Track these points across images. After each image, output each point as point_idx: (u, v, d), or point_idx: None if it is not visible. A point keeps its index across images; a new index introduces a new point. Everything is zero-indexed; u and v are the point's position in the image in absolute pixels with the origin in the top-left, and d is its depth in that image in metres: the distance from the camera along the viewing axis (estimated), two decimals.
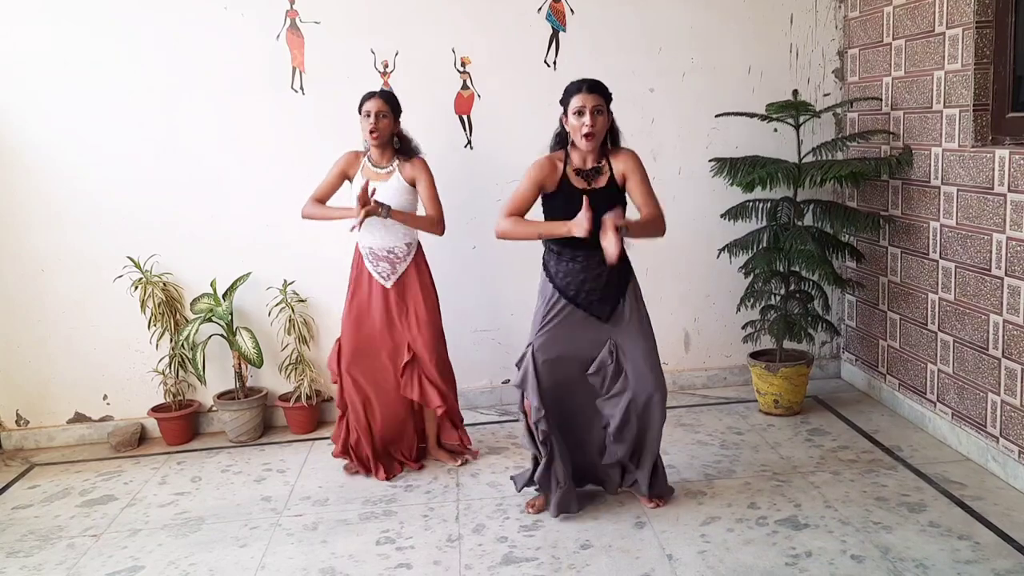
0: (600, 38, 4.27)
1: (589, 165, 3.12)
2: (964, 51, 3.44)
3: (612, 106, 3.09)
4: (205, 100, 4.18)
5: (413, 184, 3.62)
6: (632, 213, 3.10)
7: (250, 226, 4.28)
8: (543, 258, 3.23)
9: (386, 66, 4.23)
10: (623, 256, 3.10)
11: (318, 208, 3.66)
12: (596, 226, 2.89)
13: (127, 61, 4.13)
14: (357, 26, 4.19)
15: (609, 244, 2.84)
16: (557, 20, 4.27)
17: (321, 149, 3.98)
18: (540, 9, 4.25)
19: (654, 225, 3.10)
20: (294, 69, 4.21)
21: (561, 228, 3.00)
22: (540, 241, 3.19)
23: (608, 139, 3.15)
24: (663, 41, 4.33)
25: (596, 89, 3.05)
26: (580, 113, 3.02)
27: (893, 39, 3.96)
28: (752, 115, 4.10)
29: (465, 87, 4.29)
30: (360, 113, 3.59)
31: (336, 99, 4.19)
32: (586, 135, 3.02)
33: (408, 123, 3.87)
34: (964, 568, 2.76)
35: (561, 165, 3.12)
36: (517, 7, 4.23)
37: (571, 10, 4.27)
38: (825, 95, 4.45)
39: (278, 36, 4.18)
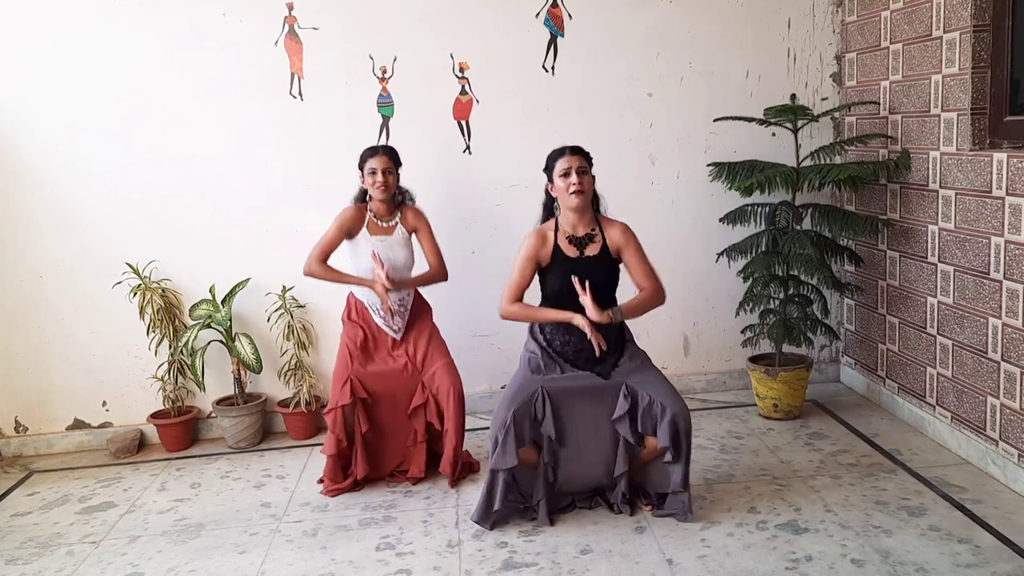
0: (598, 43, 4.27)
1: (581, 232, 3.18)
2: (961, 55, 3.44)
3: (610, 110, 3.11)
4: (204, 106, 4.19)
5: (411, 232, 3.71)
6: (625, 294, 3.18)
7: (249, 232, 4.28)
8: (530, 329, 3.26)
9: (384, 71, 4.23)
10: (621, 326, 3.20)
11: (328, 272, 3.66)
12: (594, 303, 3.04)
13: (126, 67, 4.13)
14: (355, 32, 4.20)
15: (592, 314, 3.00)
16: (555, 25, 4.28)
17: (320, 155, 3.99)
18: (538, 14, 4.26)
19: (652, 301, 3.18)
20: (293, 75, 4.21)
21: (564, 316, 3.09)
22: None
23: (596, 205, 3.25)
24: (661, 46, 4.33)
25: (579, 152, 3.16)
26: (567, 174, 3.10)
27: (891, 43, 3.97)
28: (750, 119, 4.11)
29: (463, 92, 4.29)
30: (362, 169, 3.63)
31: (335, 105, 4.20)
32: (575, 192, 3.09)
33: (407, 129, 3.89)
34: (964, 572, 2.76)
35: (552, 235, 3.19)
36: (515, 12, 4.24)
37: (569, 15, 4.27)
38: (823, 99, 4.45)
39: (276, 42, 4.18)
